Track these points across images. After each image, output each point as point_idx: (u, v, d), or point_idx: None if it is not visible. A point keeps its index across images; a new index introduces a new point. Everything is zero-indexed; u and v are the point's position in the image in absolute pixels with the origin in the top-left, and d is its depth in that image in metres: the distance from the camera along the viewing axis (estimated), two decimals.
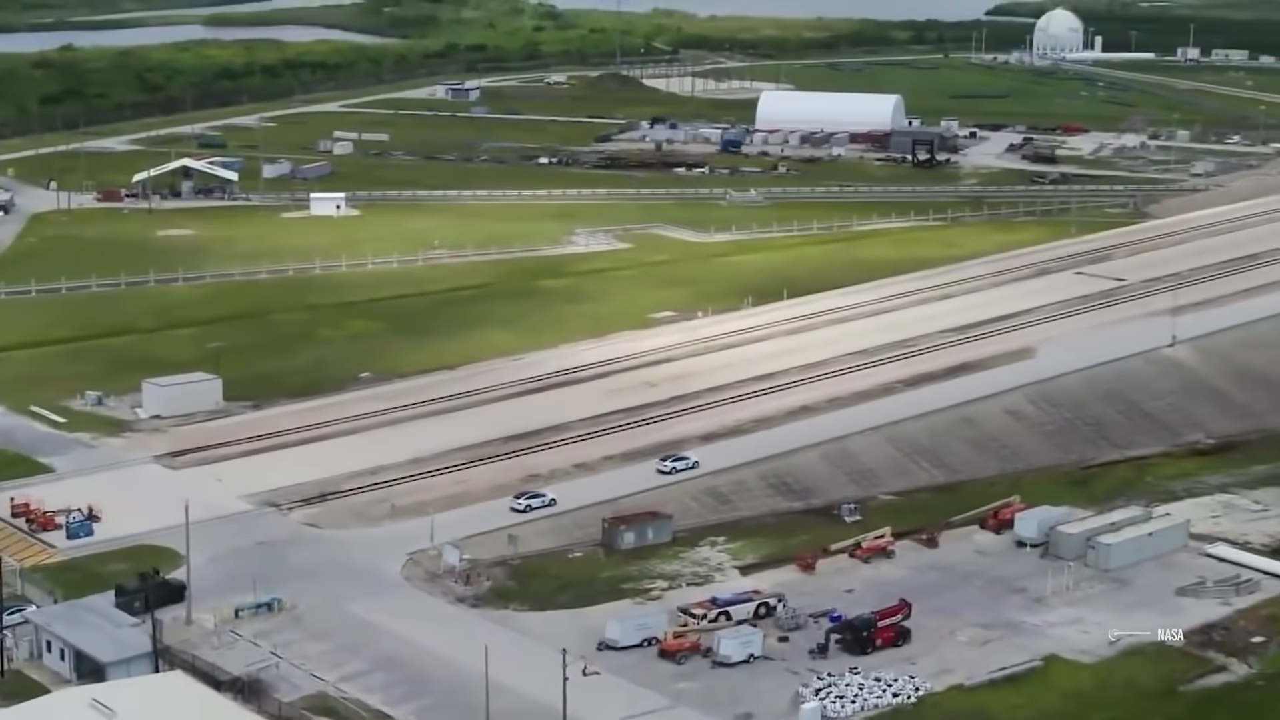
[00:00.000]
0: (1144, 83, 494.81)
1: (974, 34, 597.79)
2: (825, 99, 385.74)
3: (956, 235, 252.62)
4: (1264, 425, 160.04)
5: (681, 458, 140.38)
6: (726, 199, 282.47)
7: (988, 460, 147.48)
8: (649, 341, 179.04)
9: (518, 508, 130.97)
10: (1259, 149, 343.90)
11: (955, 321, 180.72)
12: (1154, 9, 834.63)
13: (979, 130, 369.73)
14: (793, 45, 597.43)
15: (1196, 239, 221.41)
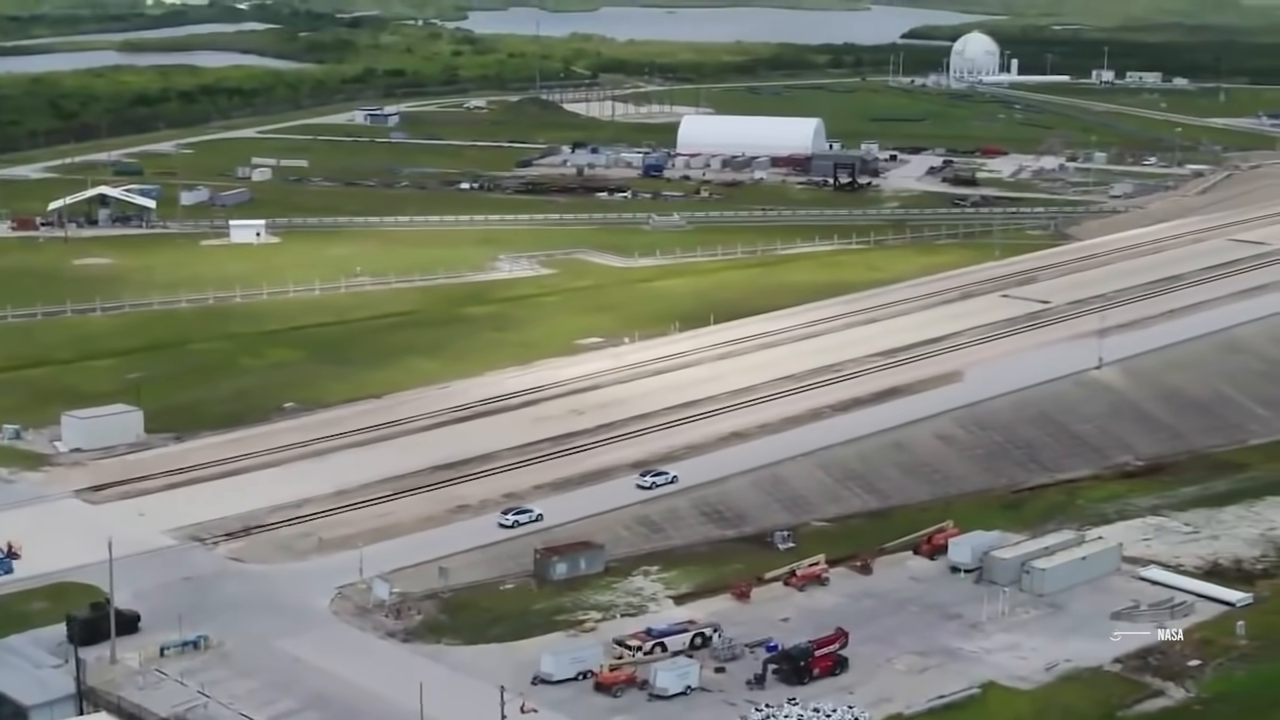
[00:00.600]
0: (1060, 105, 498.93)
1: (891, 58, 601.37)
2: (746, 123, 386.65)
3: (880, 258, 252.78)
4: (1191, 446, 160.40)
5: (661, 472, 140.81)
6: (650, 223, 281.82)
7: (919, 485, 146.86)
8: (576, 368, 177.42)
9: (505, 524, 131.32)
10: (1175, 170, 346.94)
11: (883, 345, 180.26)
12: (1067, 32, 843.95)
13: (899, 153, 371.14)
14: (711, 69, 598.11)
15: (1120, 261, 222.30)
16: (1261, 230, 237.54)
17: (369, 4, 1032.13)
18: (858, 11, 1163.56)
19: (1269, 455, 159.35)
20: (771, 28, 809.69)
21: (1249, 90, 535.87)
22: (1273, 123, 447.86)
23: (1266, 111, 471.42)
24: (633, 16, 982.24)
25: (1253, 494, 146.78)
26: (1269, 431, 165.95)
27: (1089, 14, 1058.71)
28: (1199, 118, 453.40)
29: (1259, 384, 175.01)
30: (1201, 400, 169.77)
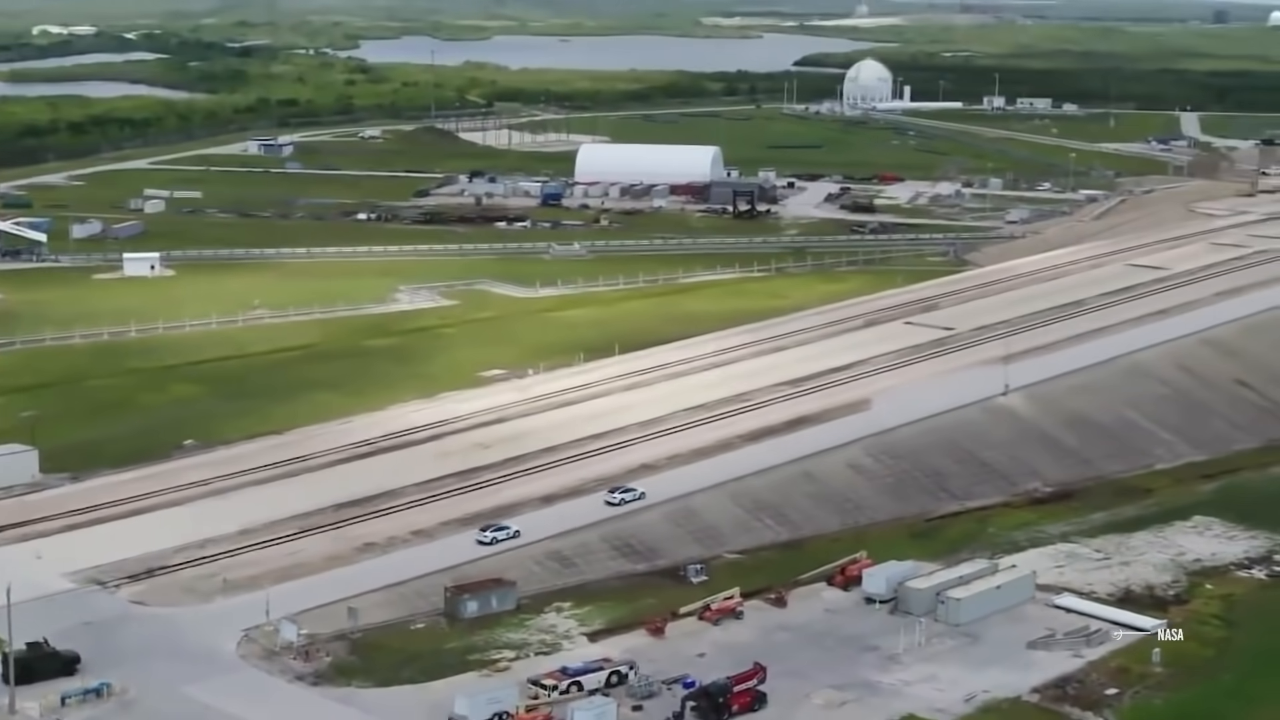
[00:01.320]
0: (953, 131, 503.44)
1: (785, 85, 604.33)
2: (644, 151, 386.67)
3: (782, 286, 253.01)
4: (1099, 472, 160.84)
5: (629, 489, 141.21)
6: (550, 253, 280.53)
7: (831, 515, 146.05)
8: (480, 401, 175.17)
9: (484, 540, 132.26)
10: (1070, 195, 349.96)
11: (790, 374, 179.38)
12: (957, 59, 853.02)
13: (797, 180, 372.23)
14: (607, 97, 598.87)
15: (1020, 287, 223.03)
16: (1159, 255, 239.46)
17: (260, 33, 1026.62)
18: (750, 40, 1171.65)
19: (1175, 480, 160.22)
20: (665, 56, 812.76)
21: (1137, 115, 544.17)
22: (1162, 147, 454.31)
23: (1155, 136, 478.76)
24: (526, 45, 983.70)
25: (1161, 519, 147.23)
26: (1173, 456, 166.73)
27: (978, 41, 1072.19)
28: (1090, 143, 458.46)
29: (1162, 409, 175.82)
30: (1107, 426, 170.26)
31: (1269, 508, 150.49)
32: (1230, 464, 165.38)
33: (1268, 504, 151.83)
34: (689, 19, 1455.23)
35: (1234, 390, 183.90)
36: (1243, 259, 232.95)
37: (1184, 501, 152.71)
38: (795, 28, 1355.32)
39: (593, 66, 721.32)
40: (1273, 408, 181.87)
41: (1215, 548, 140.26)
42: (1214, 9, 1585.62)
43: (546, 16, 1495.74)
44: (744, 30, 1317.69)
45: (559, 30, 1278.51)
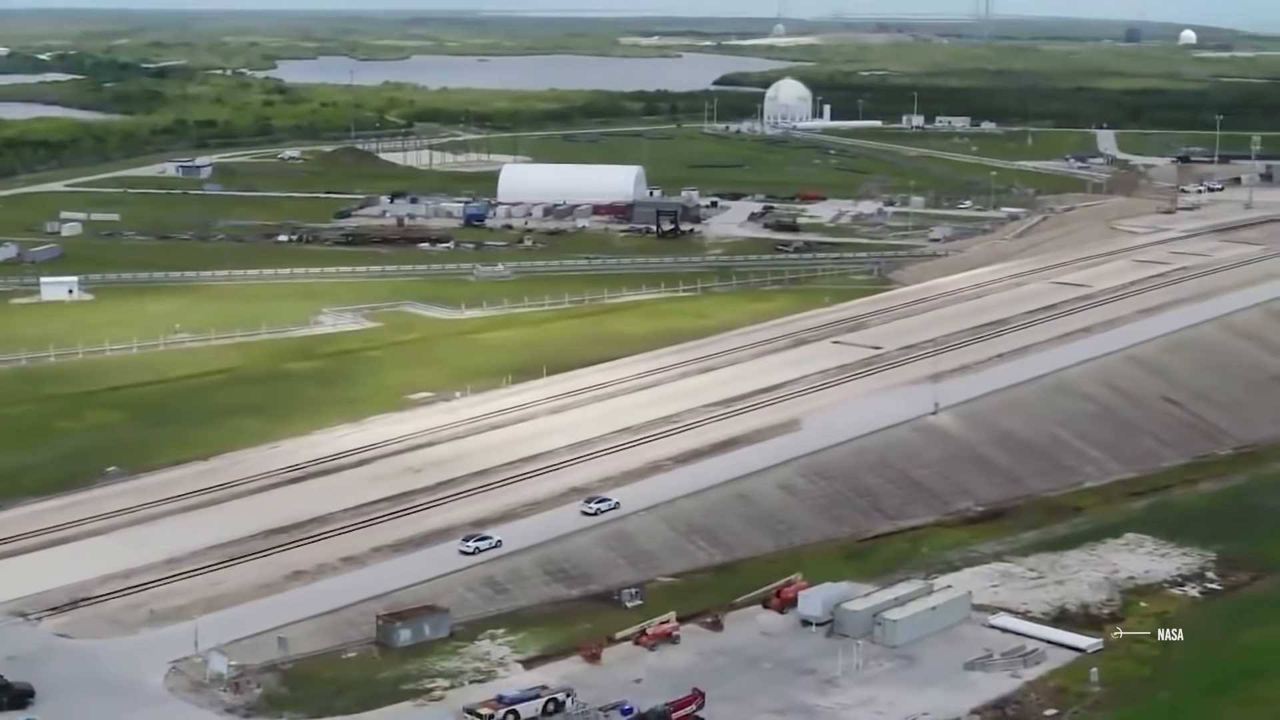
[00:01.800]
0: (873, 150, 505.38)
1: (706, 104, 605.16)
2: (567, 171, 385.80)
3: (708, 306, 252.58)
4: (1029, 490, 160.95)
5: (604, 499, 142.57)
6: (474, 274, 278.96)
7: (764, 537, 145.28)
8: (408, 425, 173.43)
9: (466, 550, 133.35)
10: (991, 213, 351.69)
11: (719, 395, 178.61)
12: (874, 78, 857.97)
13: (720, 199, 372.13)
14: (527, 117, 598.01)
15: (946, 305, 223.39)
16: (1081, 273, 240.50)
17: (175, 54, 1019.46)
18: (669, 59, 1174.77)
19: (1104, 497, 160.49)
20: (584, 75, 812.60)
21: (1054, 133, 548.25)
22: (1080, 165, 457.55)
23: (1073, 153, 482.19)
24: (444, 65, 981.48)
25: (1092, 537, 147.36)
26: (1102, 474, 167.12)
27: (894, 60, 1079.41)
28: (1009, 161, 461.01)
29: (1090, 426, 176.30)
30: (1036, 444, 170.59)
31: (1198, 524, 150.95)
32: (1159, 481, 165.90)
33: (1197, 521, 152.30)
34: (607, 39, 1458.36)
35: (1161, 407, 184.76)
36: (1165, 276, 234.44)
37: (1115, 519, 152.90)
38: (713, 47, 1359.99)
39: (512, 86, 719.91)
40: (1199, 424, 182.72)
41: (1147, 565, 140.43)
42: (1126, 28, 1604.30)
43: (464, 36, 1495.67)
44: (662, 50, 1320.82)
45: (477, 50, 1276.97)
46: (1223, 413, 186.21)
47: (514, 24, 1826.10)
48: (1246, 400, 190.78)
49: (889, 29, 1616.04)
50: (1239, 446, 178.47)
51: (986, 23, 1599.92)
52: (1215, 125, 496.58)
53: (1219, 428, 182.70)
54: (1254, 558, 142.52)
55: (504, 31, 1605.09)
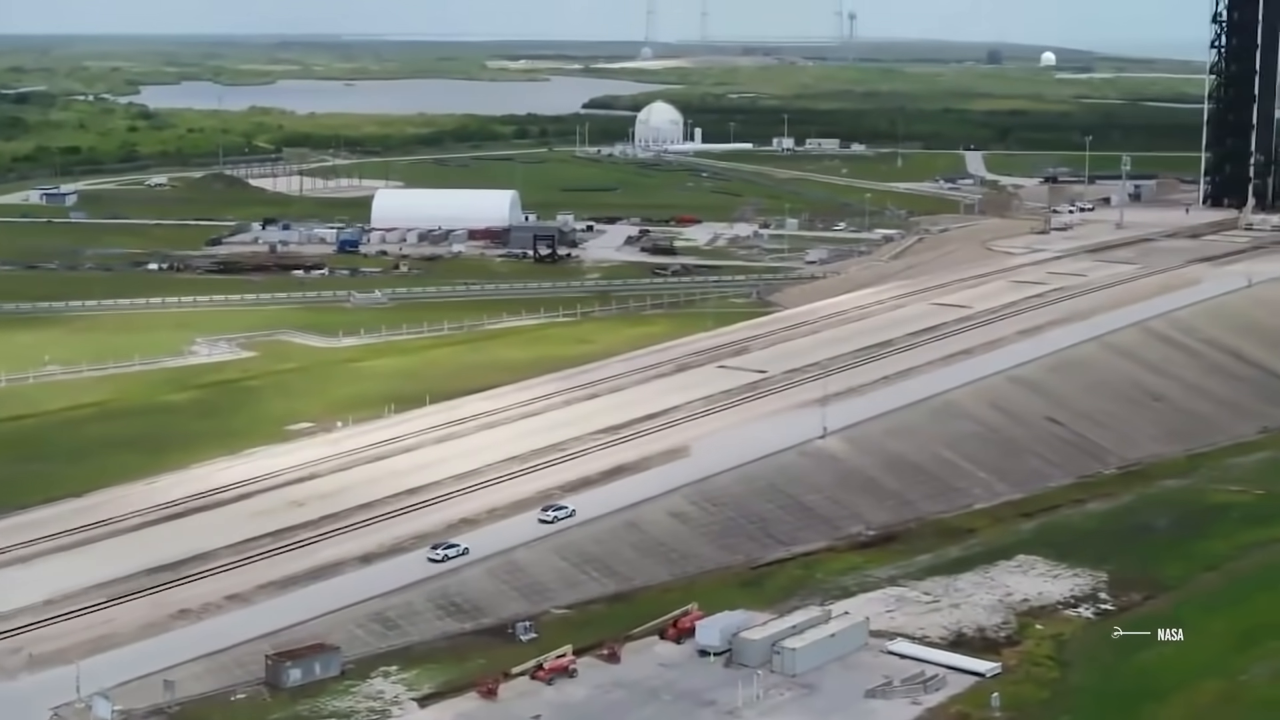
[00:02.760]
0: (746, 172, 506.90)
1: (577, 128, 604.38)
2: (442, 196, 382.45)
3: (589, 331, 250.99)
4: (920, 513, 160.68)
5: (561, 506, 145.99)
6: (351, 301, 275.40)
7: (658, 566, 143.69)
8: (290, 457, 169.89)
9: (435, 558, 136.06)
10: (866, 235, 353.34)
11: (605, 422, 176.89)
12: (743, 100, 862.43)
13: (595, 223, 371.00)
14: (397, 141, 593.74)
15: (828, 328, 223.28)
16: (961, 293, 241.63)
17: (35, 79, 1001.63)
18: (537, 83, 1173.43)
19: (994, 519, 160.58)
20: (453, 99, 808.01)
21: (923, 154, 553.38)
22: (950, 186, 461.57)
23: (943, 175, 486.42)
24: (311, 89, 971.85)
25: (985, 559, 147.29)
26: (991, 495, 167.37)
27: (762, 83, 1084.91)
28: (880, 182, 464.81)
29: (976, 448, 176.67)
30: (924, 466, 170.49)
31: (1088, 545, 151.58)
32: (1047, 501, 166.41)
33: (1086, 541, 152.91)
34: (474, 62, 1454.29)
35: (1045, 427, 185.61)
36: (1043, 296, 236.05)
37: (1006, 540, 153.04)
38: (581, 71, 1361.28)
39: (381, 110, 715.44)
40: (1082, 443, 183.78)
41: (1041, 587, 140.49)
42: (988, 50, 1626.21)
43: (330, 60, 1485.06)
44: (530, 73, 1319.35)
45: (343, 74, 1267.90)
46: (1106, 432, 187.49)
47: (380, 48, 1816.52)
48: (1128, 419, 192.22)
49: (755, 52, 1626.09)
50: (1123, 465, 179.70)
51: (851, 45, 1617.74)
52: (1079, 145, 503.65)
53: (1103, 447, 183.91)
54: (1145, 578, 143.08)
55: (370, 55, 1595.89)
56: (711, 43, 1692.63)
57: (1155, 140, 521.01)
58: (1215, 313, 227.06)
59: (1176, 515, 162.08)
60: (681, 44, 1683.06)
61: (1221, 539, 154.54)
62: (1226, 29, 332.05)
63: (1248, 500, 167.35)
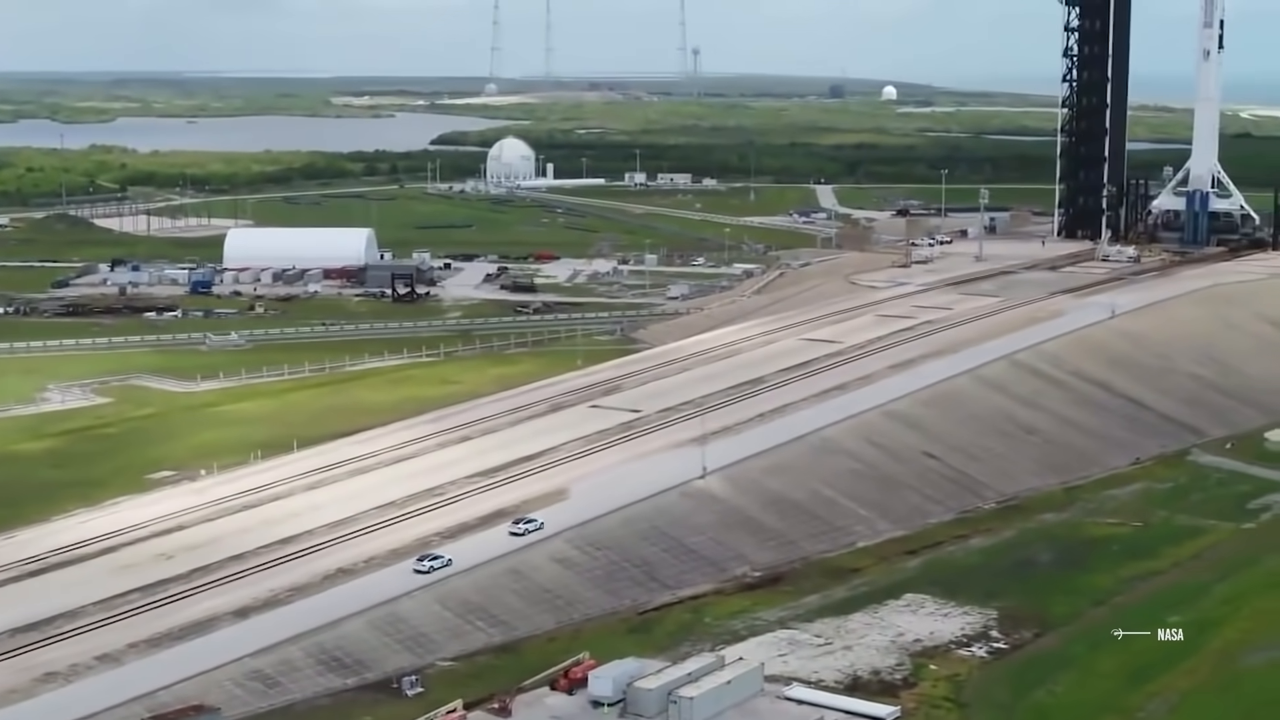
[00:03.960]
0: (600, 208, 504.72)
1: (428, 164, 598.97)
2: (296, 235, 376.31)
3: (453, 371, 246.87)
4: (803, 553, 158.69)
5: (530, 519, 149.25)
6: (207, 343, 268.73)
7: (543, 613, 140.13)
8: (154, 507, 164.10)
9: (421, 570, 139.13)
10: (726, 270, 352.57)
11: (480, 465, 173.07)
12: (592, 136, 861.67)
13: (453, 261, 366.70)
14: (244, 179, 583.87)
15: (699, 365, 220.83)
16: (830, 328, 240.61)
17: None
18: (383, 119, 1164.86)
19: (878, 557, 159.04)
20: (299, 136, 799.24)
21: (775, 188, 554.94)
22: (804, 220, 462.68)
23: (796, 209, 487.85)
24: (153, 127, 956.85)
25: (873, 599, 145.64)
26: (873, 533, 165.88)
27: (609, 118, 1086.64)
28: (734, 217, 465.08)
29: (856, 484, 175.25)
30: (805, 504, 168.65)
31: (974, 582, 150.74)
32: (930, 538, 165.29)
33: (973, 578, 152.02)
34: (317, 99, 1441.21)
35: (922, 462, 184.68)
36: (911, 330, 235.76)
37: (893, 579, 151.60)
38: (427, 107, 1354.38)
39: (225, 148, 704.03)
40: (960, 478, 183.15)
41: (932, 626, 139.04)
42: (829, 84, 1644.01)
43: (170, 98, 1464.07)
44: (375, 110, 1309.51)
45: (184, 112, 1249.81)
46: (982, 466, 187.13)
47: (220, 85, 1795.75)
48: (1003, 452, 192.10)
49: (601, 87, 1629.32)
50: (1002, 500, 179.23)
51: (695, 80, 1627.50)
52: (926, 178, 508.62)
53: (980, 481, 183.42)
54: (1034, 615, 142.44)
55: (211, 92, 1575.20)
56: (556, 78, 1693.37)
57: (1001, 173, 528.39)
58: (1081, 344, 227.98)
59: (1058, 550, 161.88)
60: (526, 79, 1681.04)
61: (1104, 573, 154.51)
62: (1077, 63, 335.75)
63: (1126, 533, 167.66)
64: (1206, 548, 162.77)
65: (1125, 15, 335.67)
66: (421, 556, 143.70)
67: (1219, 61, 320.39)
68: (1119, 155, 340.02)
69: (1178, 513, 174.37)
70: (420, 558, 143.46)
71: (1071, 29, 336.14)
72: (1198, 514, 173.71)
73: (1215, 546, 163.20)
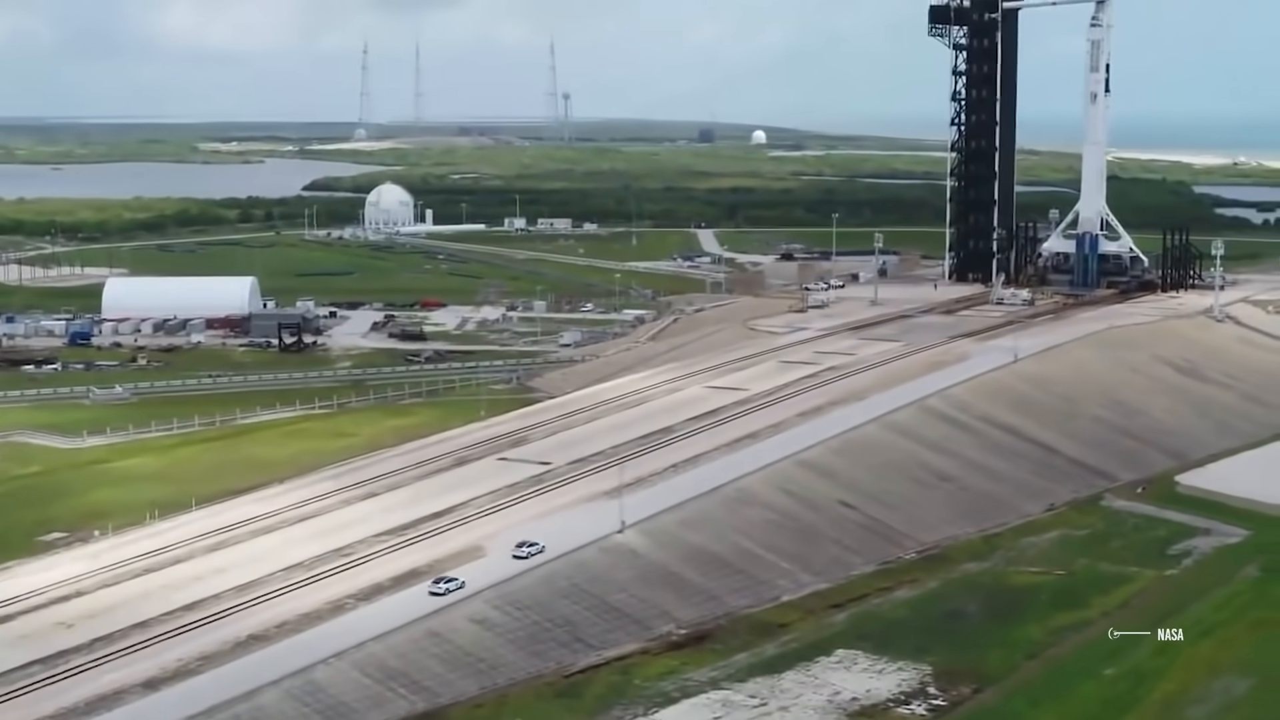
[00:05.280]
0: (481, 253, 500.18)
1: (305, 210, 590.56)
2: (176, 284, 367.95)
3: (348, 423, 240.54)
4: (728, 608, 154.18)
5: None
6: (91, 397, 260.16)
7: (467, 678, 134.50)
8: (48, 573, 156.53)
9: (437, 592, 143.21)
10: (616, 316, 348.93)
11: (389, 522, 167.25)
12: (467, 181, 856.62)
13: (338, 309, 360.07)
14: (115, 227, 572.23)
15: (605, 414, 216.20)
16: (734, 375, 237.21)
17: None
18: (252, 165, 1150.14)
19: (804, 611, 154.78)
20: (169, 183, 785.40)
21: (656, 233, 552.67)
22: (689, 265, 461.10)
23: (680, 253, 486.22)
24: (16, 174, 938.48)
25: (805, 656, 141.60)
26: (797, 586, 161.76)
27: (482, 163, 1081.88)
28: (618, 262, 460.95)
29: (775, 536, 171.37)
30: (726, 558, 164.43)
31: (905, 636, 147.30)
32: (854, 590, 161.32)
33: (903, 632, 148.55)
34: (184, 144, 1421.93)
35: (839, 512, 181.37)
36: (816, 377, 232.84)
37: (822, 635, 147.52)
38: (296, 152, 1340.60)
39: (94, 195, 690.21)
40: (878, 527, 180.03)
41: (867, 684, 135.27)
42: (699, 129, 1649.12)
43: (33, 144, 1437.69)
44: (243, 155, 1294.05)
45: (48, 158, 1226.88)
46: (899, 514, 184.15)
47: (84, 130, 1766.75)
48: (919, 500, 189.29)
49: (471, 131, 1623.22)
50: (921, 549, 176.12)
51: (566, 125, 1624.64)
52: (804, 221, 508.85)
53: (898, 530, 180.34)
54: (969, 669, 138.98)
55: (74, 138, 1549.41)
56: (425, 123, 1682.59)
57: (878, 216, 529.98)
58: (987, 389, 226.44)
59: (985, 600, 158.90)
60: (396, 124, 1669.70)
61: (1035, 623, 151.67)
62: (966, 107, 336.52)
63: (1051, 581, 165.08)
64: (1133, 595, 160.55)
65: (1012, 59, 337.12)
66: (437, 579, 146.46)
67: (1107, 105, 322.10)
68: (1008, 198, 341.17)
69: (1099, 560, 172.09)
70: (436, 580, 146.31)
71: (959, 73, 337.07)
72: (1120, 561, 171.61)
73: (1141, 594, 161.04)
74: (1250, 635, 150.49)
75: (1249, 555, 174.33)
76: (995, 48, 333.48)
